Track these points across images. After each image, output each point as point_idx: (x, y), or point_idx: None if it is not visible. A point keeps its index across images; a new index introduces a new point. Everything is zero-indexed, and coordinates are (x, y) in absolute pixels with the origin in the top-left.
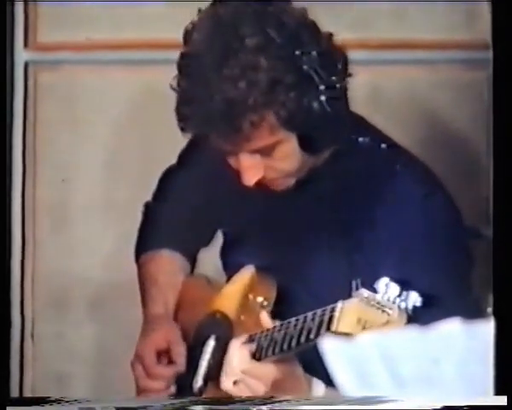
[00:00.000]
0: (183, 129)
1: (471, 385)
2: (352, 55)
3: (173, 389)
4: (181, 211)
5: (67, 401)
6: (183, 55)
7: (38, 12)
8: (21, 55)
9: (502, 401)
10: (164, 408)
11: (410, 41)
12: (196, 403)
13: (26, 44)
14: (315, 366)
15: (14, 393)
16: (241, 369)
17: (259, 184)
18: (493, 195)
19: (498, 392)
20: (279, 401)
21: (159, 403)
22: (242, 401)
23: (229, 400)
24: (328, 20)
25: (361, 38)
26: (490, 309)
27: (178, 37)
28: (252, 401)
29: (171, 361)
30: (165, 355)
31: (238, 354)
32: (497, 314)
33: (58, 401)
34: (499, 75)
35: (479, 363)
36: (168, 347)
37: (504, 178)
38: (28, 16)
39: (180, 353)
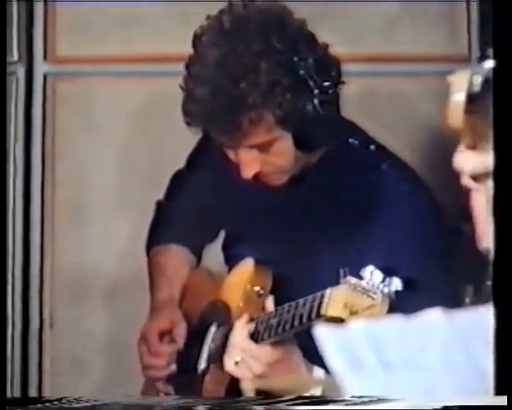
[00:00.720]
0: (188, 123)
1: (454, 371)
2: (345, 67)
3: (174, 367)
4: (189, 210)
5: (67, 401)
6: (191, 58)
7: (57, 28)
8: (41, 68)
9: (502, 401)
10: (168, 408)
11: (397, 55)
12: (201, 404)
13: (45, 57)
14: (315, 355)
15: (33, 377)
16: (239, 348)
17: (257, 177)
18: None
19: (498, 392)
20: (280, 402)
21: (163, 403)
22: (244, 401)
23: (231, 400)
24: (323, 35)
25: (353, 53)
26: (468, 299)
27: (183, 51)
28: (254, 401)
29: (172, 341)
30: (167, 335)
31: (238, 333)
32: (497, 314)
33: (58, 401)
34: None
35: (461, 350)
36: (170, 327)
37: None
38: (47, 31)
39: (180, 333)
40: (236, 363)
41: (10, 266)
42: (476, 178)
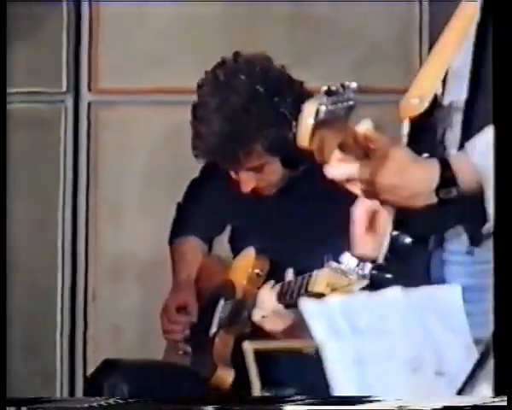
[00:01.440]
0: (196, 156)
1: (410, 339)
2: None
3: (188, 332)
4: (202, 210)
5: (61, 401)
6: (195, 104)
7: (99, 65)
8: (86, 97)
9: (502, 400)
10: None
11: (364, 88)
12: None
13: (89, 89)
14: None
15: (79, 343)
16: (271, 308)
17: (253, 190)
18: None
19: (498, 392)
20: (280, 402)
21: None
22: (250, 402)
23: (238, 401)
24: (302, 73)
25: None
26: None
27: None
28: (259, 401)
29: (187, 313)
30: (183, 309)
31: (269, 295)
32: (496, 314)
33: (52, 401)
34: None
35: (416, 321)
36: (185, 304)
37: None
38: (91, 67)
39: (194, 309)
40: (263, 317)
41: (60, 253)
42: (341, 183)
